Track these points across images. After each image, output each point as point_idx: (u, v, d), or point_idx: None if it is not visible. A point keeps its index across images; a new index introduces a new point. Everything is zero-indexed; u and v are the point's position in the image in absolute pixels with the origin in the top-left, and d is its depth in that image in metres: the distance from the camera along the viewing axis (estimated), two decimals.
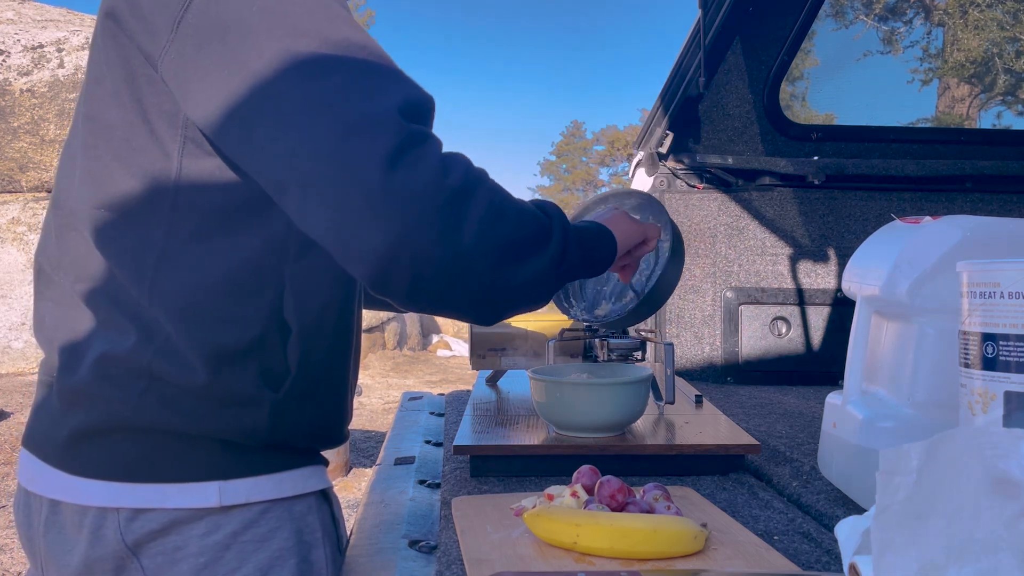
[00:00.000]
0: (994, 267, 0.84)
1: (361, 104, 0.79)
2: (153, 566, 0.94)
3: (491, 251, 0.83)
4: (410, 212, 0.78)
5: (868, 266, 1.21)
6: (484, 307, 0.88)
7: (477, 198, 0.83)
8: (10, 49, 8.13)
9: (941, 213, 1.27)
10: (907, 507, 0.58)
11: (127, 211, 0.92)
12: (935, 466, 0.57)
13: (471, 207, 0.82)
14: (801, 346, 2.45)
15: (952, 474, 0.56)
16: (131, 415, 0.93)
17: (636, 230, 1.19)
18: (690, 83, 2.45)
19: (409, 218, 0.77)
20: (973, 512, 0.55)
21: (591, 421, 1.32)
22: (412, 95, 0.84)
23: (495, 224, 0.83)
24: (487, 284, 0.85)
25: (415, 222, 0.78)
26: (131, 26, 0.89)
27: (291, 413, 0.98)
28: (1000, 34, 10.65)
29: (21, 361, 7.45)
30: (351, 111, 0.79)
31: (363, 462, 5.49)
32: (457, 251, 0.80)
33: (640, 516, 0.94)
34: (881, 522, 0.59)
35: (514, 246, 0.87)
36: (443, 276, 0.81)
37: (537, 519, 0.95)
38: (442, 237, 0.79)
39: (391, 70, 0.85)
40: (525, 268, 0.88)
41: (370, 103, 0.80)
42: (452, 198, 0.80)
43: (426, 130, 0.83)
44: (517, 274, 0.87)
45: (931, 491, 0.57)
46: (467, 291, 0.84)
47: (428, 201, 0.78)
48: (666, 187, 2.51)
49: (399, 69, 0.86)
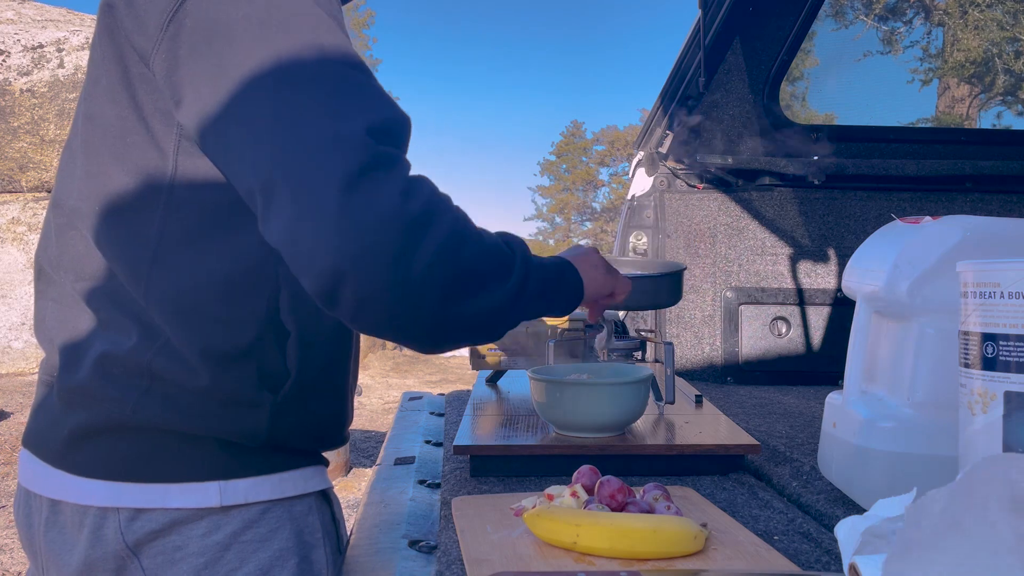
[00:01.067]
0: (994, 267, 0.84)
1: (331, 122, 0.79)
2: (153, 566, 0.94)
3: (444, 282, 0.82)
4: (365, 235, 0.77)
5: (868, 266, 1.21)
6: (432, 337, 0.86)
7: (437, 226, 0.81)
8: (10, 49, 8.14)
9: (941, 213, 1.27)
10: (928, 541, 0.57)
11: (122, 209, 0.93)
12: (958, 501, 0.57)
13: (429, 235, 0.80)
14: (801, 346, 2.45)
15: (977, 501, 0.56)
16: (132, 415, 0.93)
17: (605, 281, 1.15)
18: (690, 83, 2.45)
19: (363, 240, 0.77)
20: (996, 534, 0.54)
21: (591, 421, 1.32)
22: (385, 115, 0.83)
23: (452, 255, 0.82)
24: (436, 314, 0.83)
25: (369, 245, 0.77)
26: (126, 22, 0.89)
27: (291, 414, 0.98)
28: (1000, 34, 10.65)
29: (21, 361, 7.46)
30: (320, 128, 0.79)
31: (363, 462, 5.49)
32: (408, 278, 0.79)
33: (640, 516, 0.94)
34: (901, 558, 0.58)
35: (469, 278, 0.85)
36: (391, 302, 0.80)
37: (537, 519, 0.95)
38: (394, 262, 0.78)
39: (368, 87, 0.85)
40: (478, 302, 0.86)
41: (340, 121, 0.80)
42: (410, 224, 0.79)
43: (395, 152, 0.82)
44: (469, 307, 0.85)
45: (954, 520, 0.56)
46: (415, 319, 0.83)
47: (385, 225, 0.78)
48: (666, 187, 2.51)
49: (378, 86, 0.86)
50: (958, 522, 0.56)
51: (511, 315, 0.92)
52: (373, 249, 0.77)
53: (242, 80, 0.81)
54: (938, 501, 0.58)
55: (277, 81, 0.81)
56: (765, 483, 1.34)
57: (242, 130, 0.81)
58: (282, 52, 0.81)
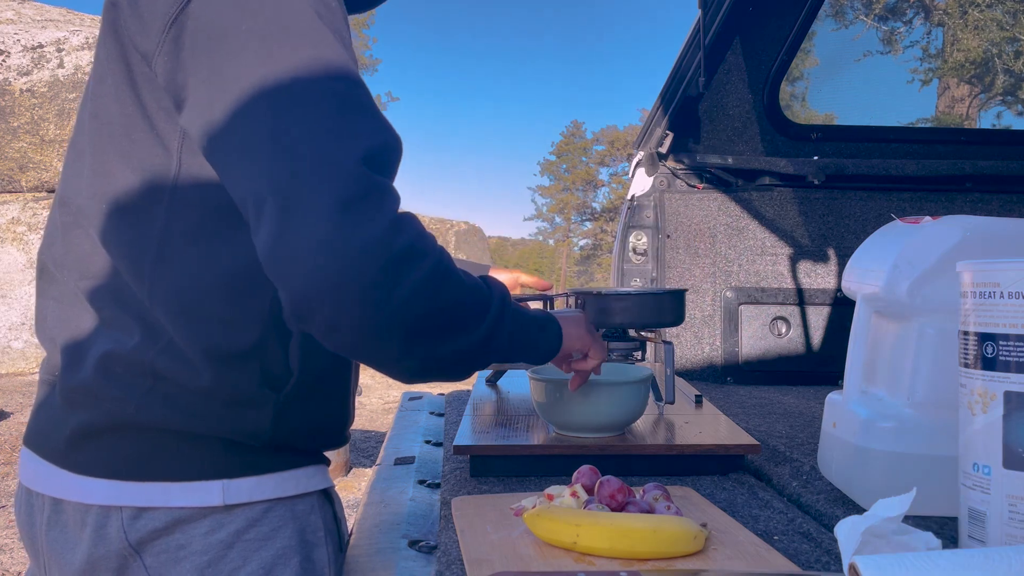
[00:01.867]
0: (994, 267, 0.84)
1: (326, 145, 0.80)
2: (156, 564, 0.94)
3: (415, 320, 0.83)
4: (346, 263, 0.78)
5: (868, 266, 1.21)
6: (399, 369, 0.88)
7: (418, 265, 0.82)
8: (10, 49, 8.14)
9: (941, 213, 1.27)
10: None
11: (127, 207, 0.93)
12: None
13: (409, 272, 0.81)
14: (801, 346, 2.45)
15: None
16: (135, 414, 0.93)
17: (585, 340, 1.17)
18: (690, 83, 2.45)
19: (343, 268, 0.78)
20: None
21: (591, 421, 1.32)
22: (380, 141, 0.83)
23: (429, 294, 0.83)
24: (405, 350, 0.84)
25: (348, 273, 0.78)
26: (129, 22, 0.89)
27: (293, 414, 0.98)
28: (1000, 34, 10.65)
29: (21, 361, 7.46)
30: (316, 149, 0.79)
31: (363, 462, 5.49)
32: (380, 312, 0.80)
33: (640, 516, 0.94)
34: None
35: (442, 320, 0.86)
36: (360, 332, 0.81)
37: (537, 519, 0.95)
38: (370, 294, 0.79)
39: (367, 108, 0.85)
40: (450, 343, 0.88)
41: (335, 145, 0.80)
42: (392, 259, 0.80)
43: (386, 183, 0.83)
44: (439, 347, 0.87)
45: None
46: (383, 351, 0.84)
47: (367, 256, 0.78)
48: (666, 187, 2.51)
49: (374, 107, 0.86)
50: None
51: (480, 358, 0.93)
52: (351, 278, 0.78)
53: (242, 93, 0.81)
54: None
55: (276, 97, 0.81)
56: (765, 483, 1.34)
57: (238, 142, 0.82)
58: (283, 67, 0.81)
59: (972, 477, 0.86)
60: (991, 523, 0.84)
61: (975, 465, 0.86)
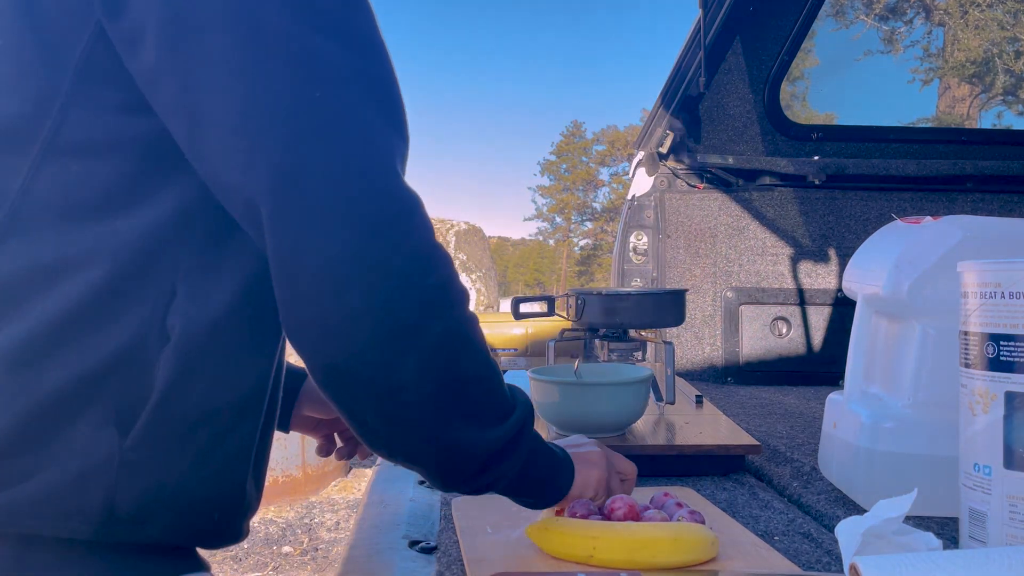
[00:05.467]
0: (994, 267, 0.84)
1: (365, 136, 0.68)
2: None
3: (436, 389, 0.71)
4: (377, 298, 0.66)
5: (868, 266, 1.21)
6: (391, 445, 0.75)
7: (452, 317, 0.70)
8: None
9: (941, 213, 1.27)
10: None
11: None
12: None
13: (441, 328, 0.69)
14: (801, 346, 2.45)
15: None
16: None
17: (600, 486, 0.92)
18: (690, 83, 2.45)
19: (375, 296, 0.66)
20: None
21: (591, 421, 1.32)
22: (403, 143, 0.72)
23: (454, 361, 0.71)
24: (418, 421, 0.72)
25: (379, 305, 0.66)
26: None
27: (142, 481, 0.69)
28: (1000, 34, 10.66)
29: None
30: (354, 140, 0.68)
31: (363, 462, 5.49)
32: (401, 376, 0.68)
33: (657, 525, 0.90)
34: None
35: (464, 405, 0.73)
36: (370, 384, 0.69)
37: (547, 534, 0.90)
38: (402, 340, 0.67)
39: (397, 90, 0.73)
40: (471, 432, 0.74)
41: (371, 149, 0.69)
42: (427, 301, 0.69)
43: (416, 196, 0.71)
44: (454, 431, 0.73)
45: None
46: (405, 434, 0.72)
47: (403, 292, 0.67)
48: (666, 187, 2.51)
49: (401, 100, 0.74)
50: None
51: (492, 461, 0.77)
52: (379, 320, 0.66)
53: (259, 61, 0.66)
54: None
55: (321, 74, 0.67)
56: (765, 483, 1.33)
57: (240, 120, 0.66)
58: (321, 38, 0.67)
59: (973, 477, 0.86)
60: (992, 523, 0.84)
61: (976, 465, 0.86)
